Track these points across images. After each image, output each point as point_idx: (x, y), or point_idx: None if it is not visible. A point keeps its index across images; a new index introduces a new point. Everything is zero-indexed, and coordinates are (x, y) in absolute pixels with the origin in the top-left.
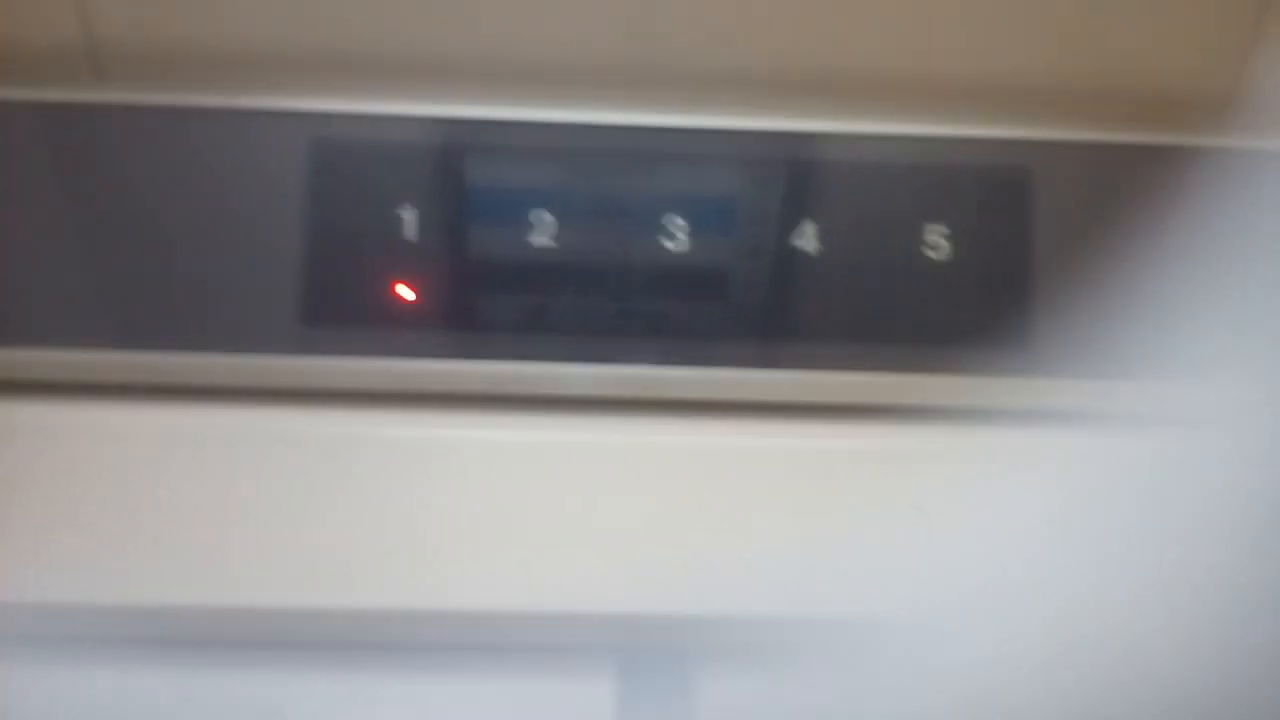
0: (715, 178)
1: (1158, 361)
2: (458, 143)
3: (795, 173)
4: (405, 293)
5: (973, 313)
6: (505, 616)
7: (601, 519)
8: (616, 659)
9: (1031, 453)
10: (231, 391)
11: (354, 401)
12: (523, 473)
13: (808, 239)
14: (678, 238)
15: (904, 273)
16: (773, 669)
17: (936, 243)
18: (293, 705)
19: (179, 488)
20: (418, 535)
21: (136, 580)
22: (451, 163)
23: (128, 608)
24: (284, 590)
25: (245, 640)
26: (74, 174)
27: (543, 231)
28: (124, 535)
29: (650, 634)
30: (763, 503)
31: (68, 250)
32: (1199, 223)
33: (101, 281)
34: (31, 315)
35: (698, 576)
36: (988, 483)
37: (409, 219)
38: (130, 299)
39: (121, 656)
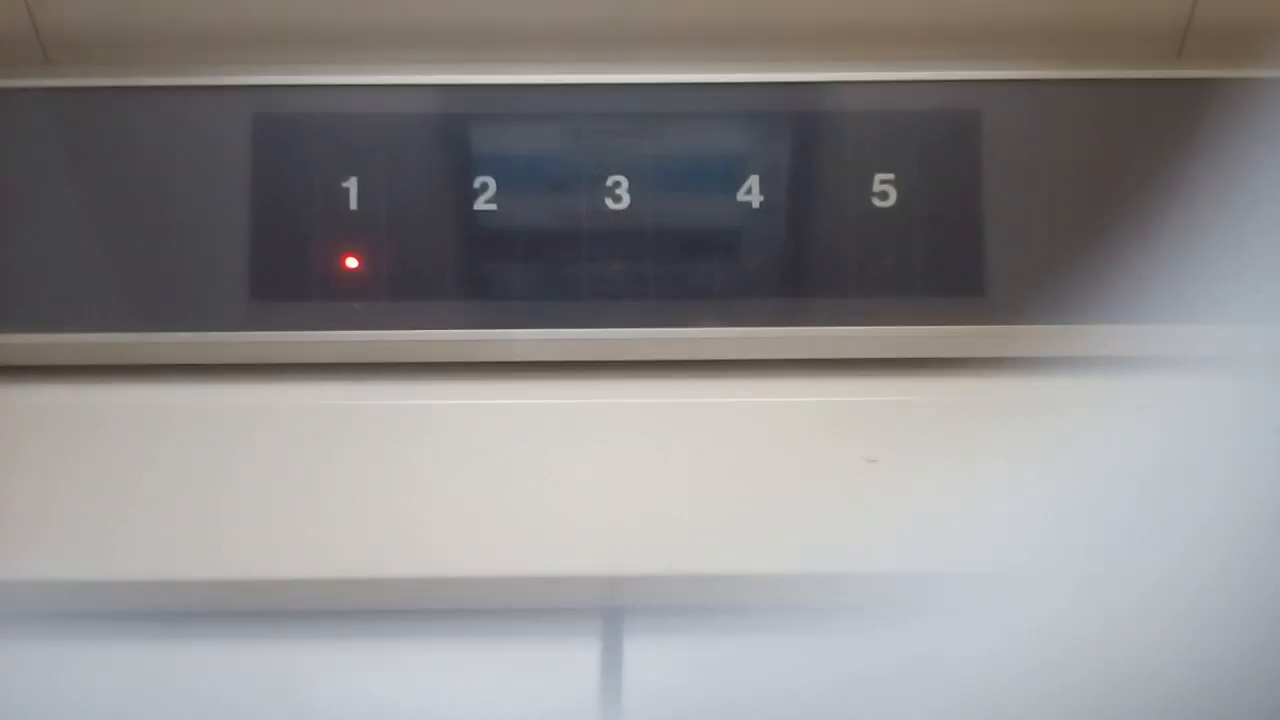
0: (658, 135)
1: (1112, 304)
2: (400, 111)
3: (739, 125)
4: (352, 263)
5: (923, 260)
6: (488, 581)
7: (581, 481)
8: (603, 620)
9: (988, 399)
10: (184, 369)
11: (313, 373)
12: (498, 437)
13: (752, 193)
14: (621, 199)
15: (852, 224)
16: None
17: (884, 191)
18: (282, 672)
19: (134, 465)
20: (395, 503)
21: (99, 555)
22: (395, 131)
23: (92, 582)
24: (266, 562)
25: (230, 611)
26: (20, 157)
27: (487, 197)
28: (83, 512)
29: (637, 594)
30: (717, 460)
31: (14, 233)
32: (1154, 157)
33: (49, 263)
34: None
35: (677, 536)
36: (941, 432)
37: (353, 190)
38: (79, 280)
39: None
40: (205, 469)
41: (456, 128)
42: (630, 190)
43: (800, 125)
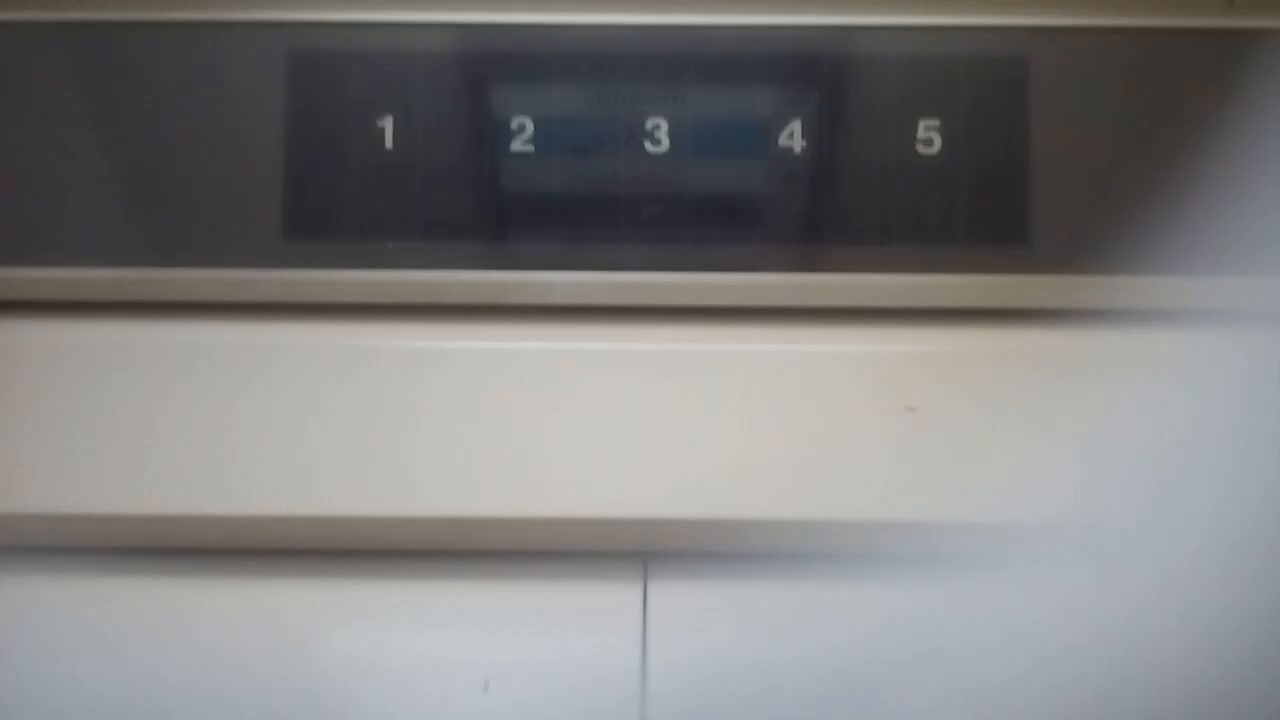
0: (699, 79)
1: (1162, 255)
2: (437, 50)
3: (780, 69)
4: (387, 203)
5: (968, 208)
6: (521, 523)
7: (619, 425)
8: (644, 563)
9: (1034, 351)
10: (216, 306)
11: (347, 313)
12: (535, 380)
13: (795, 139)
14: (660, 141)
15: (895, 170)
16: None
17: (929, 137)
18: (319, 612)
19: (169, 401)
20: (425, 443)
21: (132, 490)
22: (431, 70)
23: (123, 517)
24: (299, 499)
25: (262, 548)
26: (52, 93)
27: (524, 138)
28: (118, 447)
29: (677, 538)
30: (765, 408)
31: (48, 169)
32: (1202, 108)
33: (83, 199)
34: (12, 233)
35: (713, 482)
36: (985, 384)
37: (388, 129)
38: (112, 216)
39: (122, 566)
40: (238, 406)
41: (493, 68)
42: (670, 134)
43: (843, 70)
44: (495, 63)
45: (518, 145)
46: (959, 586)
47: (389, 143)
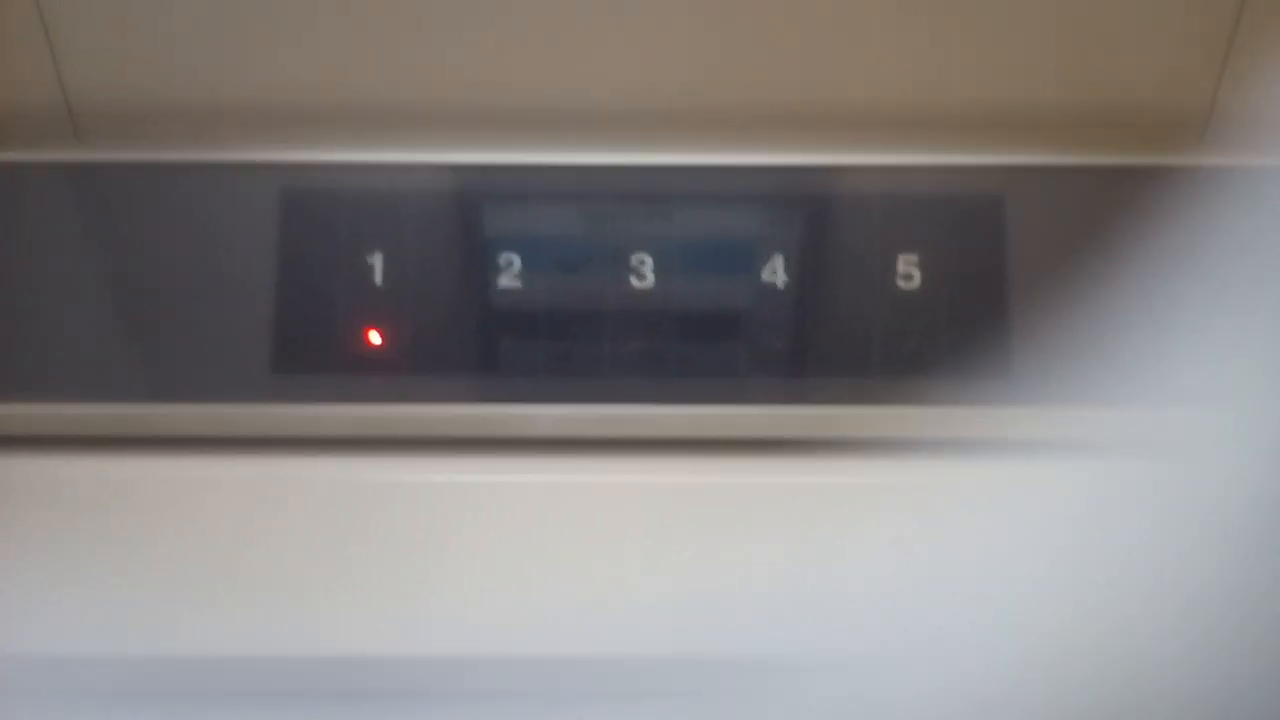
0: (684, 216)
1: (1139, 388)
2: (426, 188)
3: (763, 207)
4: (376, 338)
5: (948, 342)
6: (508, 661)
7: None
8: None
9: (1014, 483)
10: (205, 441)
11: (334, 448)
12: (519, 515)
13: (778, 274)
14: (645, 277)
15: (876, 305)
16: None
17: (909, 273)
18: None
19: (154, 538)
20: (414, 579)
21: (115, 631)
22: (420, 208)
23: (106, 659)
24: (287, 639)
25: (250, 691)
26: (47, 230)
27: (511, 274)
28: (102, 586)
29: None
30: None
31: (40, 305)
32: (1177, 243)
33: (75, 335)
34: (7, 369)
35: (666, 618)
36: (968, 515)
37: (378, 265)
38: (104, 351)
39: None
40: (228, 543)
41: (481, 206)
42: (654, 269)
43: (824, 207)
44: (483, 202)
45: (505, 281)
46: None
47: (378, 279)
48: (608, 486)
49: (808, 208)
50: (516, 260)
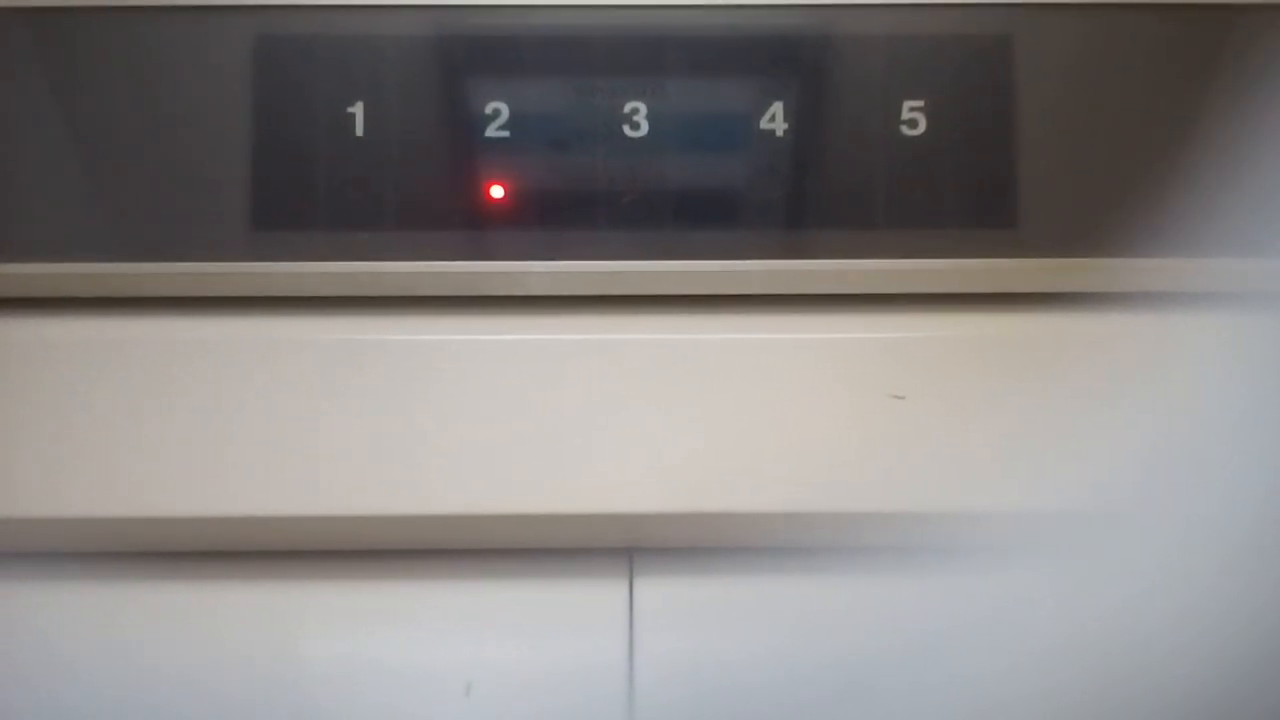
0: (678, 61)
1: (1155, 237)
2: (408, 34)
3: (761, 50)
4: (358, 193)
5: (954, 191)
6: (498, 519)
7: (598, 417)
8: (629, 559)
9: (1022, 336)
10: (183, 301)
11: (318, 306)
12: (510, 373)
13: (776, 121)
14: (641, 125)
15: (880, 152)
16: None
17: (914, 119)
18: (300, 613)
19: (133, 399)
20: (402, 439)
21: (97, 493)
22: (402, 55)
23: (87, 520)
24: (271, 498)
25: (232, 549)
26: (10, 83)
27: (499, 124)
28: (79, 449)
29: (662, 533)
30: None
31: (8, 161)
32: (1193, 85)
33: (43, 192)
34: None
35: (697, 474)
36: (974, 368)
37: (359, 115)
38: (71, 210)
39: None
40: (207, 403)
41: (466, 51)
42: (649, 118)
43: (825, 51)
44: (469, 47)
45: (492, 132)
46: (951, 578)
47: (360, 130)
48: (603, 345)
49: (807, 51)
50: (505, 110)
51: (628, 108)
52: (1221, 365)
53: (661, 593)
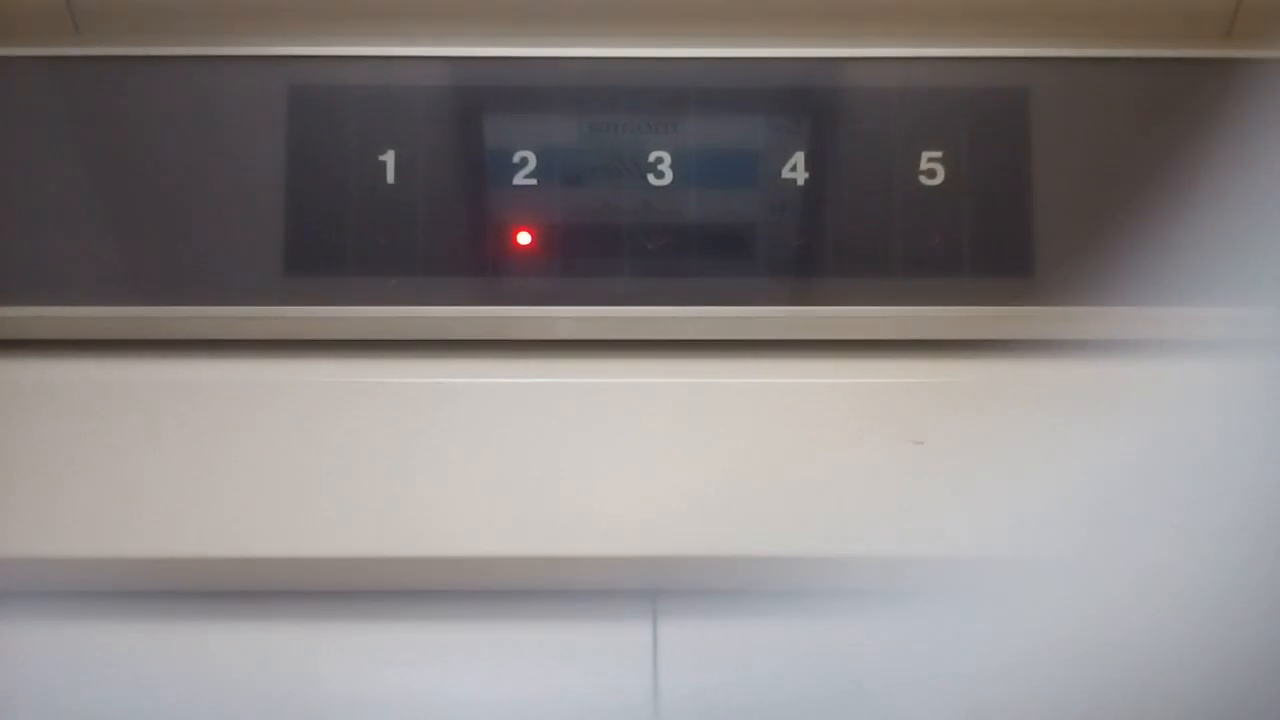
0: (702, 111)
1: (1165, 286)
2: (439, 84)
3: (783, 101)
4: (389, 238)
5: (971, 240)
6: (532, 562)
7: (621, 461)
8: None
9: (1038, 382)
10: (218, 344)
11: (348, 350)
12: (538, 417)
13: (798, 171)
14: (663, 175)
15: (900, 201)
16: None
17: (932, 169)
18: (326, 654)
19: (168, 440)
20: (429, 482)
21: (132, 533)
22: (433, 104)
23: (122, 560)
24: (302, 540)
25: (262, 590)
26: (52, 128)
27: (526, 172)
28: (115, 489)
29: (686, 576)
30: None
31: (47, 206)
32: (1203, 137)
33: (83, 236)
34: (11, 272)
35: (718, 518)
36: (991, 414)
37: (390, 163)
38: (112, 253)
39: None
40: (242, 446)
41: (495, 102)
42: (672, 167)
43: (846, 102)
44: (497, 97)
45: (519, 179)
46: (968, 620)
47: (390, 177)
48: (625, 389)
49: (828, 102)
50: (531, 158)
51: (652, 156)
52: (1242, 409)
53: (686, 634)
